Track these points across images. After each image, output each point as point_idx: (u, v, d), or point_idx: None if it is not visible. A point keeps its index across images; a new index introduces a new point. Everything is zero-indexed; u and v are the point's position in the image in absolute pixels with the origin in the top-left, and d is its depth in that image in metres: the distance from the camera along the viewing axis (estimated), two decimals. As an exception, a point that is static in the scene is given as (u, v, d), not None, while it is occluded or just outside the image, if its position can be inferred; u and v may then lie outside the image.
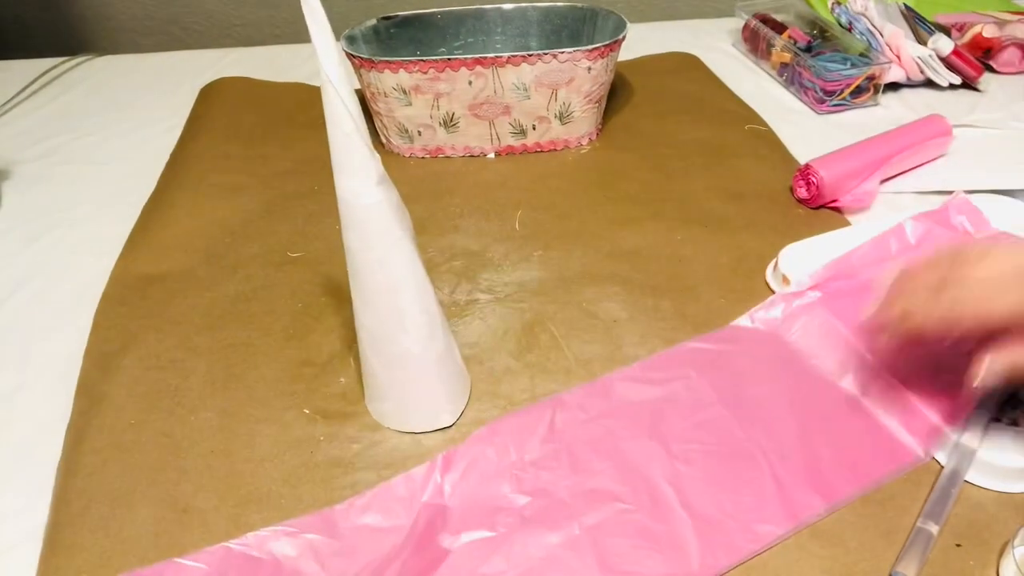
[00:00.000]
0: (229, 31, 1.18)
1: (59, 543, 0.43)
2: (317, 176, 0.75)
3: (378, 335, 0.47)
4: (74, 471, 0.47)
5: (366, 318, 0.47)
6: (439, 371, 0.49)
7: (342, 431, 0.50)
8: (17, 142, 0.84)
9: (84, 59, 1.03)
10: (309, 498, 0.46)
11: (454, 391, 0.50)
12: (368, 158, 0.43)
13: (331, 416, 0.51)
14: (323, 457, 0.48)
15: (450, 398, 0.50)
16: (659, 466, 0.46)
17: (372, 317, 0.46)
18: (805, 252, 0.60)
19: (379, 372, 0.48)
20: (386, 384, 0.49)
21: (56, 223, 0.71)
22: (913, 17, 0.96)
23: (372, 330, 0.47)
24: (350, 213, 0.44)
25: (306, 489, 0.46)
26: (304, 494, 0.46)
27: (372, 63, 0.72)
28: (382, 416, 0.50)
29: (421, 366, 0.48)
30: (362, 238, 0.44)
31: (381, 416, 0.50)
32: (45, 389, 0.54)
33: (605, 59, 0.74)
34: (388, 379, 0.48)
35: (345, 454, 0.48)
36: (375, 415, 0.51)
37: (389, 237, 0.44)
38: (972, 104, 0.87)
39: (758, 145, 0.79)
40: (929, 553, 0.41)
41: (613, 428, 0.48)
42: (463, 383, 0.52)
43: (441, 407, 0.50)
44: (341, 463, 0.48)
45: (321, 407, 0.52)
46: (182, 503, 0.45)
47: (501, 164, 0.78)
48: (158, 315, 0.59)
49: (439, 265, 0.64)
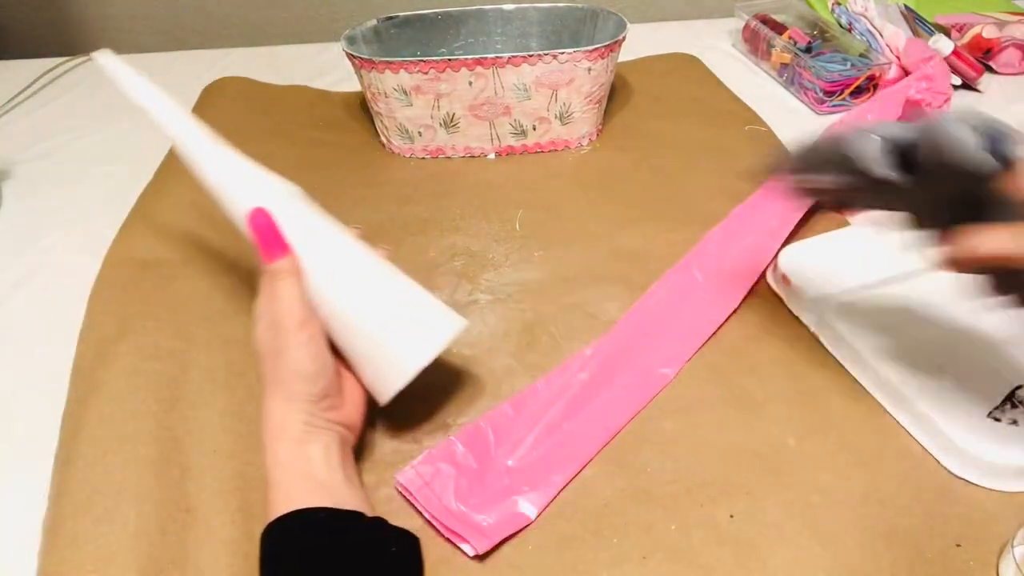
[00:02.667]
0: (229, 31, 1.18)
1: (61, 535, 0.43)
2: (317, 176, 0.75)
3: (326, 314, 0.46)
4: (73, 460, 0.47)
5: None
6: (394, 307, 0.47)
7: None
8: (17, 142, 0.84)
9: (84, 59, 1.03)
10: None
11: (424, 320, 0.48)
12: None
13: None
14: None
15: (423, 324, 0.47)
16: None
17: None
18: (805, 252, 0.61)
19: (349, 349, 0.46)
20: (360, 353, 0.46)
21: (56, 223, 0.71)
22: (913, 18, 0.96)
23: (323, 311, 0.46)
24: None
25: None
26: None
27: (372, 63, 0.72)
28: (384, 389, 0.47)
29: (368, 315, 0.46)
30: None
31: (384, 390, 0.47)
32: (45, 389, 0.53)
33: (605, 59, 0.74)
34: (359, 347, 0.46)
35: (346, 454, 0.48)
36: (382, 398, 0.47)
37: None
38: (972, 105, 0.87)
39: (758, 145, 0.79)
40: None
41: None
42: (430, 313, 0.48)
43: (420, 333, 0.47)
44: (342, 463, 0.48)
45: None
46: (184, 503, 0.45)
47: (501, 164, 0.78)
48: (154, 302, 0.59)
49: (440, 265, 0.64)
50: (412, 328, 0.47)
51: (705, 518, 0.44)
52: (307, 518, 0.38)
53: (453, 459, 0.47)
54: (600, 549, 0.43)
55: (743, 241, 0.62)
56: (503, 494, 0.45)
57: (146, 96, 0.50)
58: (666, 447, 0.48)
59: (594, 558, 0.42)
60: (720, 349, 0.55)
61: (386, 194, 0.73)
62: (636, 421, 0.50)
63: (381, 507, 0.45)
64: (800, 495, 0.45)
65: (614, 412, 0.50)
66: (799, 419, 0.50)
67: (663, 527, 0.44)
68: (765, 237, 0.62)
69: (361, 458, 0.48)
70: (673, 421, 0.50)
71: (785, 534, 0.43)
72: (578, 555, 0.43)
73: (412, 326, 0.47)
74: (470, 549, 0.42)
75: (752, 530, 0.44)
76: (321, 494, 0.40)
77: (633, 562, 0.42)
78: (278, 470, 0.41)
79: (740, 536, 0.43)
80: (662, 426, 0.50)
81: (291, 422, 0.42)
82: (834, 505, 0.45)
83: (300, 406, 0.42)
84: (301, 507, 0.38)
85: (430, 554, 0.43)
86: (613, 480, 0.47)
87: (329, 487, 0.41)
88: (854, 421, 0.50)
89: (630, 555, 0.42)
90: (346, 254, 0.48)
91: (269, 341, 0.44)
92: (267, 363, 0.44)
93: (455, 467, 0.46)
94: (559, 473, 0.46)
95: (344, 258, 0.47)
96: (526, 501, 0.45)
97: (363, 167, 0.78)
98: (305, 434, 0.42)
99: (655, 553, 0.43)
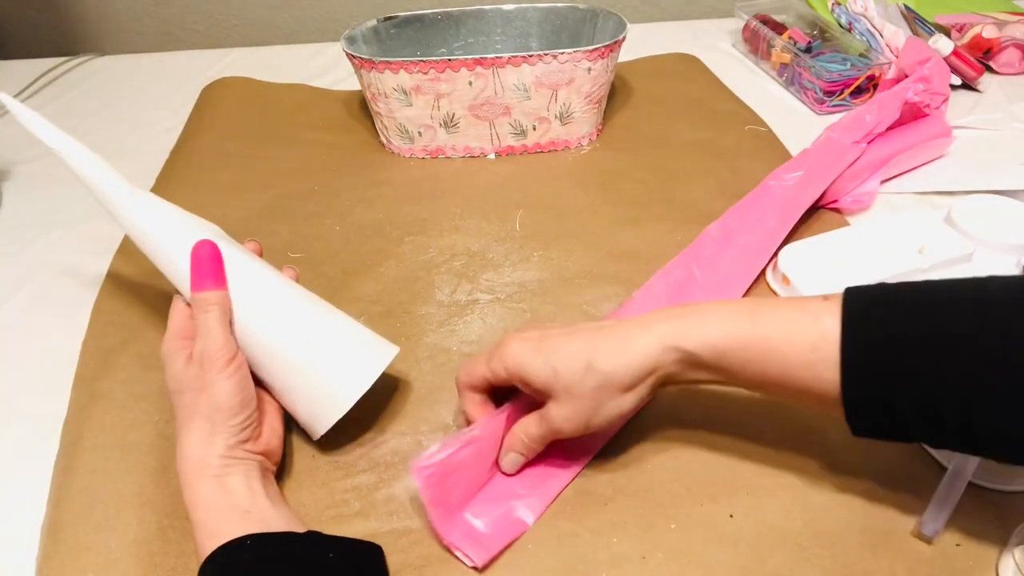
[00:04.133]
0: (229, 31, 1.18)
1: (62, 541, 0.43)
2: (317, 177, 0.75)
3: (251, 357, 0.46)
4: (74, 468, 0.47)
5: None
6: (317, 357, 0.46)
7: (342, 434, 0.50)
8: (17, 142, 0.84)
9: (84, 59, 1.03)
10: (310, 501, 0.46)
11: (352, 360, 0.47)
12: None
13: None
14: (324, 461, 0.48)
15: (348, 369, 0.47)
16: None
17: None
18: (805, 252, 0.61)
19: (279, 385, 0.47)
20: (287, 391, 0.47)
21: (56, 223, 0.71)
22: (913, 18, 0.96)
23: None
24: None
25: (307, 493, 0.46)
26: (305, 498, 0.46)
27: (372, 63, 0.72)
28: (318, 424, 0.47)
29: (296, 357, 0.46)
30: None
31: (318, 425, 0.47)
32: (45, 389, 0.54)
33: (605, 60, 0.74)
34: (289, 383, 0.46)
35: (346, 457, 0.48)
36: (316, 432, 0.47)
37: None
38: (972, 105, 0.87)
39: (758, 145, 0.79)
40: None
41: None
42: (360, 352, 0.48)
43: (339, 382, 0.46)
44: (342, 466, 0.48)
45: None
46: (184, 511, 0.45)
47: (501, 164, 0.78)
48: (157, 311, 0.59)
49: (439, 265, 0.64)
50: (344, 361, 0.47)
51: (705, 518, 0.44)
52: (232, 549, 0.37)
53: (460, 459, 0.46)
54: (600, 549, 0.43)
55: (742, 240, 0.62)
56: (502, 497, 0.45)
57: (56, 143, 0.49)
58: (666, 446, 0.48)
59: (594, 558, 0.42)
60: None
61: (386, 194, 0.73)
62: (636, 420, 0.50)
63: (380, 507, 0.45)
64: (800, 495, 0.45)
65: None
66: (799, 419, 0.50)
67: (663, 527, 0.44)
68: (764, 237, 0.62)
69: (360, 458, 0.48)
70: (673, 420, 0.50)
71: (785, 534, 0.43)
72: (578, 555, 0.43)
73: (344, 359, 0.47)
74: (469, 562, 0.42)
75: (752, 530, 0.43)
76: (247, 523, 0.39)
77: (633, 562, 0.42)
78: (201, 509, 0.40)
79: (740, 536, 0.43)
80: (662, 425, 0.50)
81: (209, 457, 0.41)
82: (834, 505, 0.45)
83: (220, 440, 0.42)
84: (225, 540, 0.38)
85: (431, 554, 0.43)
86: (613, 480, 0.47)
87: (254, 514, 0.40)
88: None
89: (630, 555, 0.42)
90: (274, 291, 0.47)
91: (193, 375, 0.43)
92: (186, 397, 0.43)
93: (460, 467, 0.46)
94: (556, 478, 0.46)
95: (272, 295, 0.47)
96: (524, 507, 0.45)
97: (363, 167, 0.78)
98: (223, 468, 0.41)
99: (655, 553, 0.43)
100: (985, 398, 0.35)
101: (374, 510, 0.45)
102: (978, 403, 0.35)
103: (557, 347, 0.42)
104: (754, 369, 0.40)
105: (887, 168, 0.71)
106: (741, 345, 0.40)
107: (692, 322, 0.41)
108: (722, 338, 0.40)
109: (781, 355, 0.39)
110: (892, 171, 0.72)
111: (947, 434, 0.37)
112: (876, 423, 0.38)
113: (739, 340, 0.40)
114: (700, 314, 0.42)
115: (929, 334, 0.36)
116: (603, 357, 0.41)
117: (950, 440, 0.37)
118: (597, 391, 0.42)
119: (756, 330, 0.40)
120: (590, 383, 0.41)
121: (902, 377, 0.36)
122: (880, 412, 0.38)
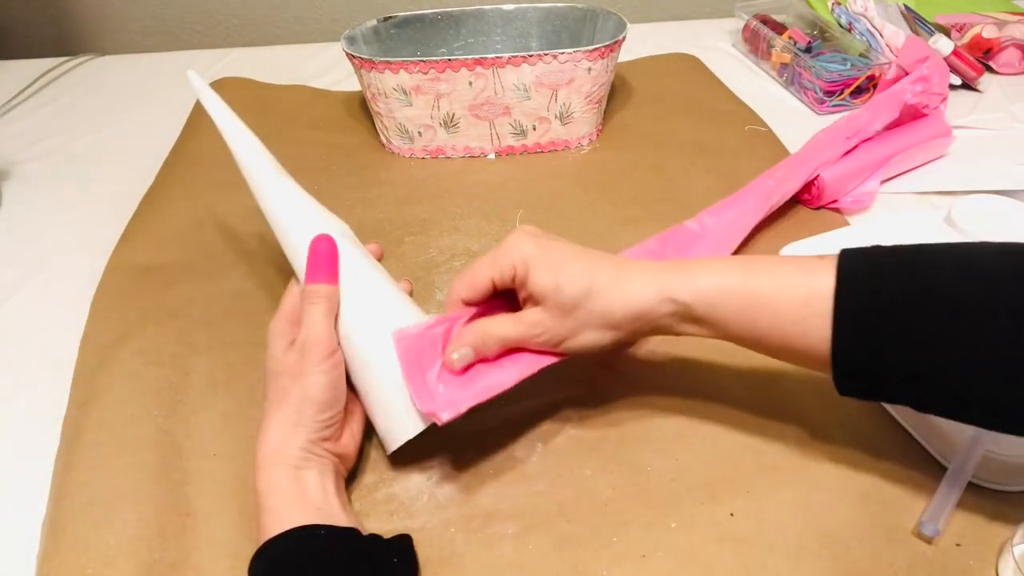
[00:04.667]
0: (229, 31, 1.18)
1: (62, 538, 0.43)
2: (317, 177, 0.75)
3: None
4: (74, 465, 0.47)
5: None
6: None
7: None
8: (17, 142, 0.84)
9: (84, 59, 1.03)
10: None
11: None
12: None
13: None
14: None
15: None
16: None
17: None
18: (805, 252, 0.61)
19: (367, 392, 0.46)
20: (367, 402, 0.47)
21: (56, 223, 0.71)
22: (913, 18, 0.96)
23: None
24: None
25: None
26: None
27: (372, 63, 0.72)
28: (393, 438, 0.46)
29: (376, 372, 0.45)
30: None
31: (393, 439, 0.46)
32: (45, 389, 0.54)
33: (605, 59, 0.74)
34: (377, 393, 0.46)
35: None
36: (391, 446, 0.46)
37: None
38: (972, 105, 0.87)
39: (758, 145, 0.79)
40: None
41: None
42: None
43: (404, 414, 0.45)
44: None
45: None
46: (184, 507, 0.45)
47: (501, 164, 0.78)
48: (156, 307, 0.59)
49: (439, 265, 0.64)
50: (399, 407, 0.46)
51: (705, 516, 0.44)
52: (306, 535, 0.38)
53: (434, 335, 0.46)
54: (600, 548, 0.43)
55: (716, 232, 0.62)
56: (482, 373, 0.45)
57: (222, 121, 0.52)
58: (666, 446, 0.48)
59: (594, 557, 0.42)
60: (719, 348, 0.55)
61: (386, 194, 0.73)
62: (636, 420, 0.50)
63: (380, 507, 0.45)
64: (800, 494, 0.45)
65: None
66: (799, 418, 0.50)
67: (663, 526, 0.44)
68: (738, 228, 0.62)
69: (360, 458, 0.48)
70: (673, 420, 0.50)
71: (785, 533, 0.43)
72: (578, 555, 0.43)
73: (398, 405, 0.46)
74: (440, 420, 0.42)
75: (752, 529, 0.43)
76: (317, 517, 0.39)
77: (633, 561, 0.42)
78: (272, 494, 0.40)
79: (740, 535, 0.43)
80: (662, 425, 0.50)
81: (289, 447, 0.41)
82: (834, 504, 0.45)
83: (303, 432, 0.42)
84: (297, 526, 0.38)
85: (432, 554, 0.43)
86: (613, 479, 0.47)
87: (325, 512, 0.40)
88: (854, 420, 0.50)
89: (630, 554, 0.42)
90: (382, 298, 0.48)
91: (291, 362, 0.43)
92: (280, 382, 0.43)
93: (436, 343, 0.46)
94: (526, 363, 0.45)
95: (380, 302, 0.47)
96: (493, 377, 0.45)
97: (363, 167, 0.78)
98: (302, 460, 0.41)
99: (655, 552, 0.43)
100: (973, 361, 0.35)
101: (374, 510, 0.45)
102: (967, 366, 0.35)
103: (563, 261, 0.43)
104: (745, 322, 0.41)
105: (887, 168, 0.71)
106: (734, 297, 0.41)
107: (689, 274, 0.42)
108: (715, 289, 0.41)
109: (773, 308, 0.40)
110: (892, 171, 0.72)
111: (934, 397, 0.37)
112: (864, 383, 0.39)
113: (732, 292, 0.41)
114: (697, 266, 0.43)
115: (922, 295, 0.36)
116: (603, 288, 0.42)
117: (936, 403, 0.38)
118: (587, 317, 0.43)
119: (749, 283, 0.41)
120: (584, 308, 0.42)
121: (893, 336, 0.37)
122: (869, 371, 0.38)
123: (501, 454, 0.48)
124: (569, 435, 0.49)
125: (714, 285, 0.41)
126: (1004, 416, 0.36)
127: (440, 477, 0.47)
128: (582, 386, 0.52)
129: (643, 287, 0.42)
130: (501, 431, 0.50)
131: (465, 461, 0.48)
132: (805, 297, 0.39)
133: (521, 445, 0.49)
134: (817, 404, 0.51)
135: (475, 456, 0.48)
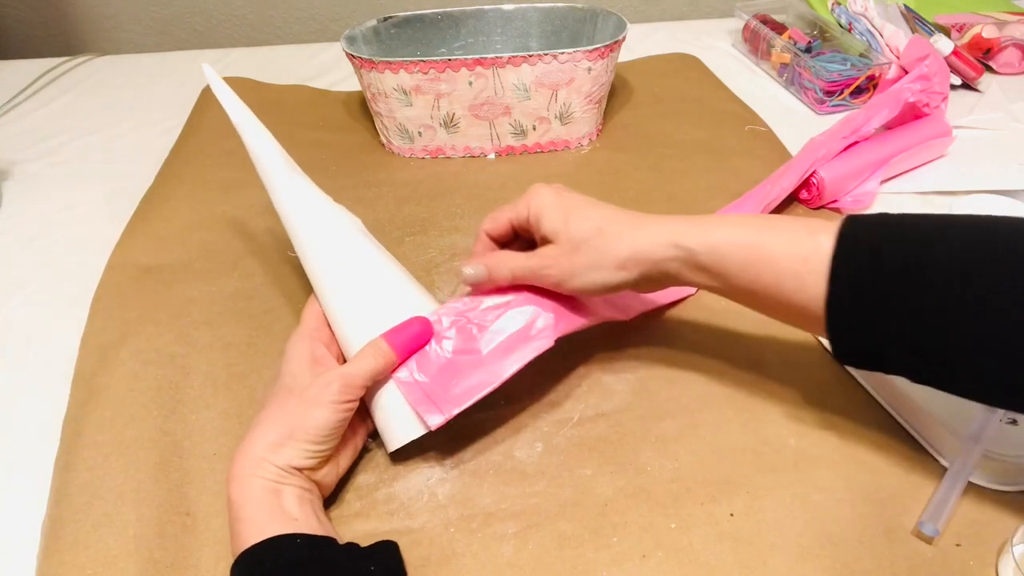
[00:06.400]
0: (229, 31, 1.18)
1: (62, 538, 0.43)
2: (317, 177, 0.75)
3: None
4: (74, 465, 0.47)
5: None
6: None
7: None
8: (17, 142, 0.84)
9: (84, 59, 1.03)
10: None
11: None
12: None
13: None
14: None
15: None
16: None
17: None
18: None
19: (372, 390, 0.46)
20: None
21: (56, 223, 0.71)
22: (913, 18, 0.96)
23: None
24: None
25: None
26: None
27: (372, 63, 0.72)
28: (395, 438, 0.46)
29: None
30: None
31: (394, 438, 0.46)
32: (45, 389, 0.54)
33: (605, 59, 0.74)
34: (382, 391, 0.46)
35: (346, 454, 0.48)
36: (392, 445, 0.46)
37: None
38: (972, 105, 0.87)
39: (758, 145, 0.79)
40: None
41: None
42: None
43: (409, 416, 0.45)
44: (342, 463, 0.48)
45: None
46: (184, 507, 0.45)
47: (501, 164, 0.78)
48: (156, 307, 0.59)
49: (439, 265, 0.64)
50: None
51: (705, 517, 0.44)
52: (284, 543, 0.37)
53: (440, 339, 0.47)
54: (600, 548, 0.43)
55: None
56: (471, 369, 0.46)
57: (236, 115, 0.53)
58: (666, 446, 0.48)
59: (594, 557, 0.42)
60: (720, 348, 0.55)
61: (386, 194, 0.73)
62: (636, 420, 0.50)
63: (380, 507, 0.45)
64: (800, 494, 0.45)
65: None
66: (799, 418, 0.50)
67: (663, 526, 0.44)
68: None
69: (360, 458, 0.48)
70: (673, 420, 0.50)
71: (785, 534, 0.43)
72: (578, 555, 0.43)
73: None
74: (431, 422, 0.43)
75: (752, 529, 0.43)
76: (294, 528, 0.39)
77: (633, 561, 0.42)
78: (249, 506, 0.39)
79: (740, 535, 0.43)
80: (662, 425, 0.50)
81: (268, 464, 0.41)
82: (834, 504, 0.45)
83: (287, 453, 0.41)
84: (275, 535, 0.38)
85: (432, 554, 0.43)
86: (613, 479, 0.47)
87: (302, 523, 0.40)
88: (854, 420, 0.50)
89: (630, 554, 0.42)
90: (397, 293, 0.48)
91: (308, 385, 0.43)
92: (287, 398, 0.43)
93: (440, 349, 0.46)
94: (519, 353, 0.46)
95: (394, 296, 0.48)
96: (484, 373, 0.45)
97: (363, 167, 0.78)
98: (281, 477, 0.41)
99: (655, 552, 0.43)
100: (968, 332, 0.36)
101: (374, 510, 0.45)
102: (961, 336, 0.36)
103: (576, 206, 0.47)
104: (749, 275, 0.42)
105: (887, 168, 0.71)
106: (739, 249, 0.42)
107: (700, 225, 0.44)
108: (723, 242, 0.43)
109: (774, 263, 0.41)
110: (892, 171, 0.72)
111: (927, 365, 0.37)
112: (858, 346, 0.39)
113: (738, 244, 0.42)
114: (709, 219, 0.45)
115: (920, 263, 0.37)
116: (613, 230, 0.45)
117: (929, 372, 0.38)
118: (596, 254, 0.45)
119: (755, 237, 0.42)
120: (592, 245, 0.45)
121: (888, 301, 0.37)
122: (863, 334, 0.38)
123: (501, 454, 0.48)
124: (569, 435, 0.49)
125: (722, 237, 0.43)
126: (994, 388, 0.37)
127: (440, 477, 0.47)
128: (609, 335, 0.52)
129: (653, 232, 0.44)
130: (501, 431, 0.50)
131: (465, 461, 0.48)
132: (805, 255, 0.40)
133: (521, 445, 0.49)
134: (818, 404, 0.51)
135: (475, 456, 0.48)
